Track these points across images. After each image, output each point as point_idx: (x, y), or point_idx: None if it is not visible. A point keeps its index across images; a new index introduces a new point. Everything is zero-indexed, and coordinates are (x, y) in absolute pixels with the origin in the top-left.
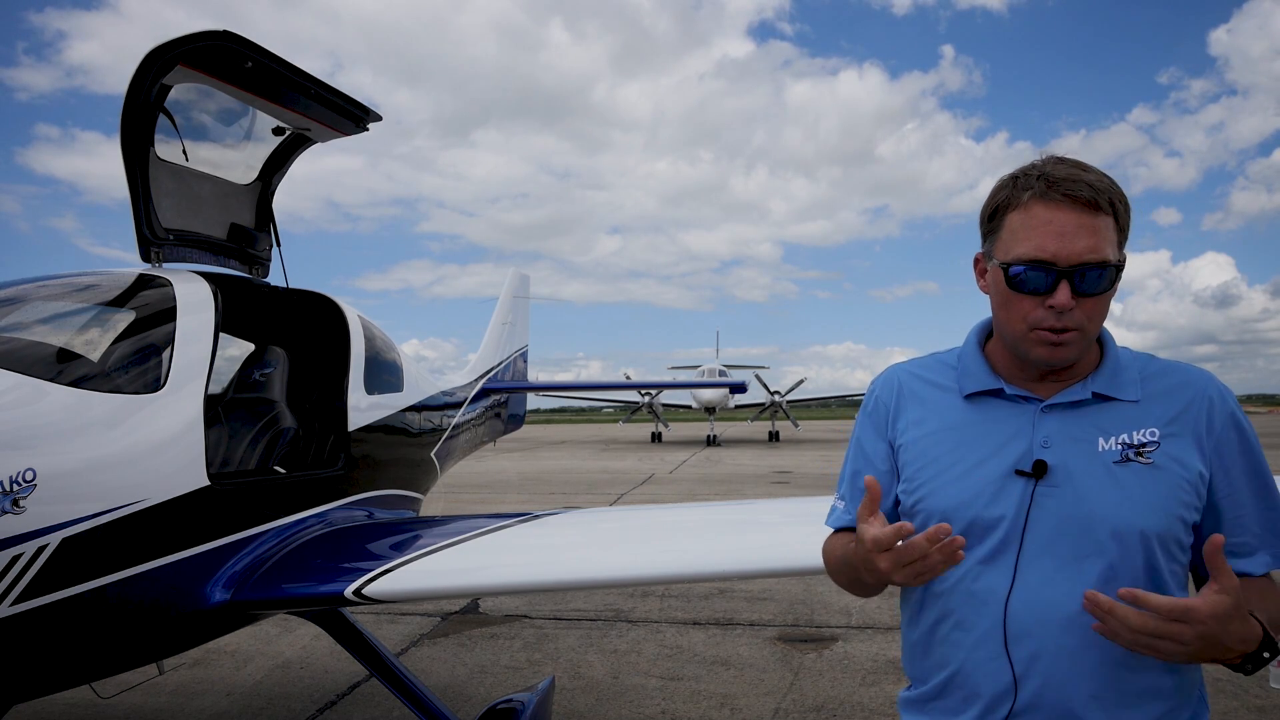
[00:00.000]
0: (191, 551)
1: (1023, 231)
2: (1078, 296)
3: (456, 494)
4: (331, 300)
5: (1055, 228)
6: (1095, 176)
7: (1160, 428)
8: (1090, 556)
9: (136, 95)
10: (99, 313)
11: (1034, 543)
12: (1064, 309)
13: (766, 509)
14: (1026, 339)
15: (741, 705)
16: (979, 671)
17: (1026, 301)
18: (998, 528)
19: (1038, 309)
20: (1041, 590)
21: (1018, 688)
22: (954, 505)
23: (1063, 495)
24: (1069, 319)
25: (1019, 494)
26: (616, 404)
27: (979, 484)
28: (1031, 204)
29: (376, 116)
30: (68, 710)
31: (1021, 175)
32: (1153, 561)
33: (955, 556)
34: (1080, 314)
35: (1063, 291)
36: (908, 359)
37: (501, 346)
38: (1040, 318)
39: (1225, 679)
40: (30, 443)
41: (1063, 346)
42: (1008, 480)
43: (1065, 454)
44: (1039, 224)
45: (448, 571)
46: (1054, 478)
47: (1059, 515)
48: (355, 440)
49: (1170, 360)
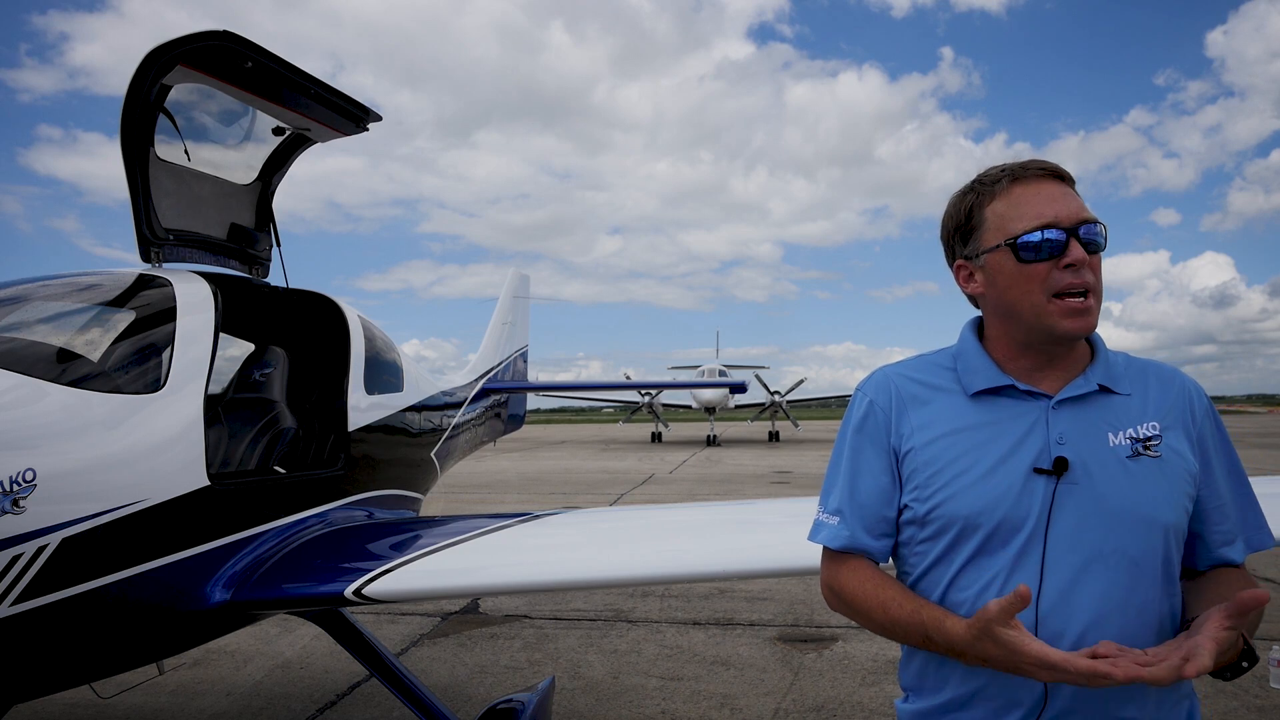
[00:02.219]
0: (191, 551)
1: (1014, 210)
2: (1087, 253)
3: (456, 494)
4: (331, 300)
5: (1046, 196)
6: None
7: (1160, 420)
8: (1114, 553)
9: (136, 95)
10: (99, 313)
11: (1058, 542)
12: (1081, 263)
13: (766, 509)
14: (1048, 312)
15: (741, 705)
16: (1013, 680)
17: (1041, 269)
18: (1023, 529)
19: (1053, 272)
20: (1071, 590)
21: (1050, 693)
22: (979, 509)
23: (1083, 492)
24: (1085, 277)
25: (1041, 493)
26: (616, 404)
27: (1002, 485)
28: (1011, 188)
29: (376, 116)
30: (68, 710)
31: (981, 179)
32: (1169, 555)
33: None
34: (1091, 273)
35: (1075, 247)
36: (896, 362)
37: (501, 346)
38: (1058, 280)
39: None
40: (30, 443)
41: (1088, 314)
42: (1029, 479)
43: (1081, 450)
44: (1029, 198)
45: (448, 571)
46: (1074, 475)
47: (1081, 512)
48: (355, 440)
49: (1142, 357)
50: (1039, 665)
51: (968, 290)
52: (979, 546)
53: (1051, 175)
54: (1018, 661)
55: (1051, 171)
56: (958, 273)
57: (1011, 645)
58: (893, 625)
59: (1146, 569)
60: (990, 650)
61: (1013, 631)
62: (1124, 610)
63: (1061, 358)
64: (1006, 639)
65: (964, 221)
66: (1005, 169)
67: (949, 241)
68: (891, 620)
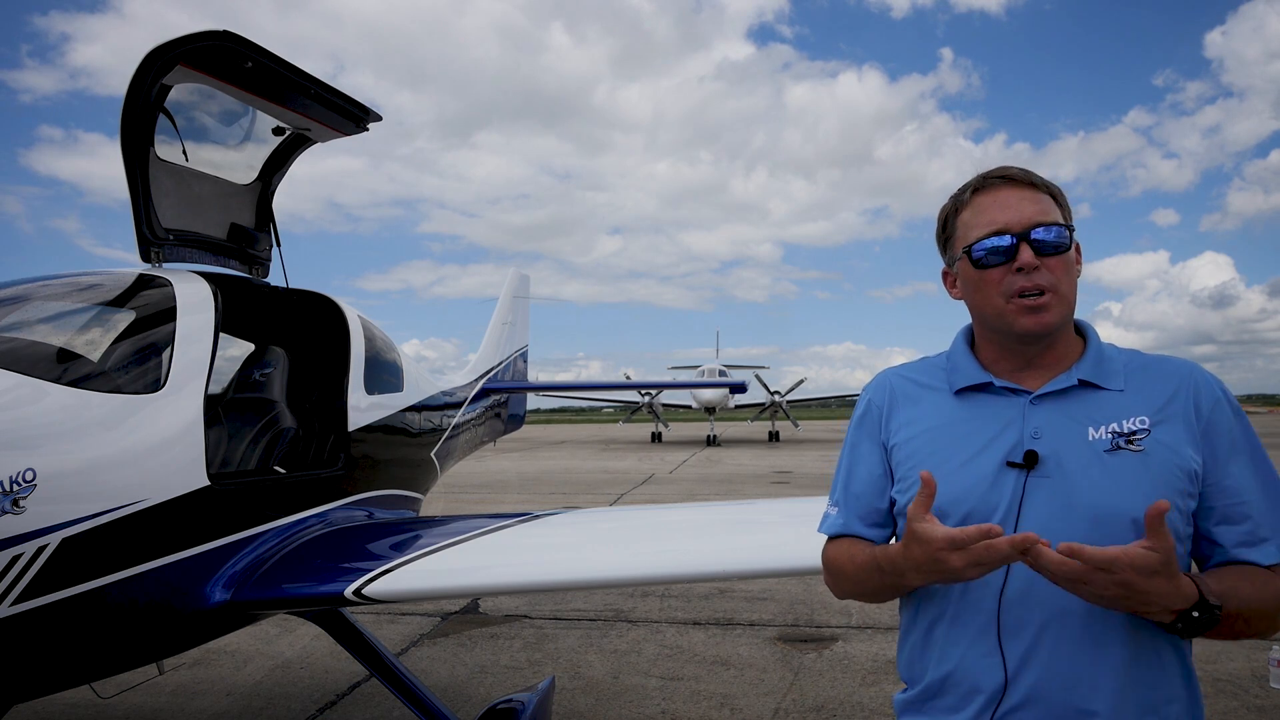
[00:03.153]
0: (191, 551)
1: (974, 219)
2: (1039, 256)
3: (456, 494)
4: (331, 300)
5: (999, 203)
6: (1024, 169)
7: (1150, 415)
8: (1084, 545)
9: (137, 95)
10: (99, 313)
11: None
12: (1030, 266)
13: (766, 509)
14: (1007, 312)
15: (741, 705)
16: (976, 667)
17: (994, 274)
18: (991, 520)
19: (1006, 276)
20: (1035, 581)
21: (1010, 681)
22: (949, 500)
23: (1054, 486)
24: (1040, 278)
25: (1011, 486)
26: (616, 404)
27: (973, 477)
28: (974, 198)
29: (376, 116)
30: (68, 710)
31: (959, 190)
32: None
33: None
34: (1048, 274)
35: (1025, 251)
36: (900, 364)
37: (501, 346)
38: (1011, 283)
39: (1225, 679)
40: (30, 443)
41: (1044, 311)
42: (1000, 472)
43: (1056, 444)
44: (986, 206)
45: (448, 571)
46: (1045, 468)
47: (1050, 505)
48: (355, 440)
49: (1155, 354)
50: (948, 547)
51: (953, 296)
52: None
53: (1010, 181)
54: (933, 552)
55: (1010, 178)
56: (944, 279)
57: (924, 535)
58: (858, 572)
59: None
60: (915, 552)
61: (923, 523)
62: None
63: (1041, 356)
64: (919, 530)
65: (941, 231)
66: (973, 179)
67: (938, 247)
68: (857, 567)
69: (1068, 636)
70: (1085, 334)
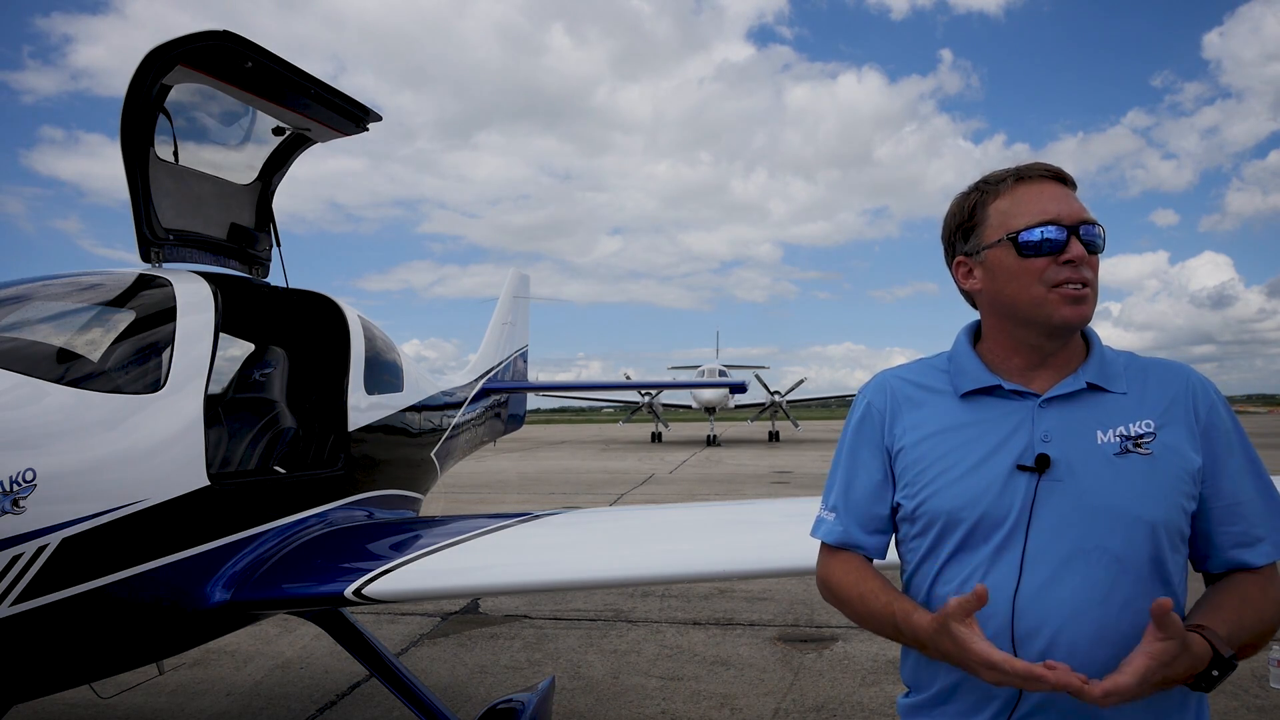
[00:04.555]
0: (192, 551)
1: (1018, 207)
2: (1086, 252)
3: (456, 494)
4: (331, 300)
5: (1049, 194)
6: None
7: (1155, 418)
8: (1096, 549)
9: (137, 95)
10: (99, 313)
11: (1038, 538)
12: (1080, 259)
13: (766, 509)
14: (1047, 302)
15: (741, 705)
16: None
17: (1040, 263)
18: (1003, 524)
19: (1052, 267)
20: (1049, 586)
21: (1023, 690)
22: (960, 505)
23: (1066, 489)
24: (1084, 273)
25: (1023, 490)
26: (616, 404)
27: (984, 482)
28: (1015, 187)
29: (376, 116)
30: (68, 710)
31: (986, 179)
32: (1159, 553)
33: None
34: (1089, 271)
35: (1076, 244)
36: (897, 365)
37: (502, 346)
38: (1055, 275)
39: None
40: (30, 443)
41: (1084, 303)
42: (1012, 476)
43: (1066, 448)
44: (1032, 196)
45: (448, 571)
46: (1057, 472)
47: (1063, 509)
48: (355, 440)
49: (1149, 357)
50: (982, 665)
51: (965, 286)
52: (960, 542)
53: (1054, 177)
54: (966, 659)
55: (1055, 174)
56: (956, 269)
57: (961, 642)
58: (870, 616)
59: (1130, 566)
60: (946, 645)
61: (964, 629)
62: (1104, 606)
63: (1054, 356)
64: (958, 635)
65: (966, 219)
66: (1011, 170)
67: (949, 239)
68: (869, 611)
69: (1082, 639)
70: (1088, 336)
